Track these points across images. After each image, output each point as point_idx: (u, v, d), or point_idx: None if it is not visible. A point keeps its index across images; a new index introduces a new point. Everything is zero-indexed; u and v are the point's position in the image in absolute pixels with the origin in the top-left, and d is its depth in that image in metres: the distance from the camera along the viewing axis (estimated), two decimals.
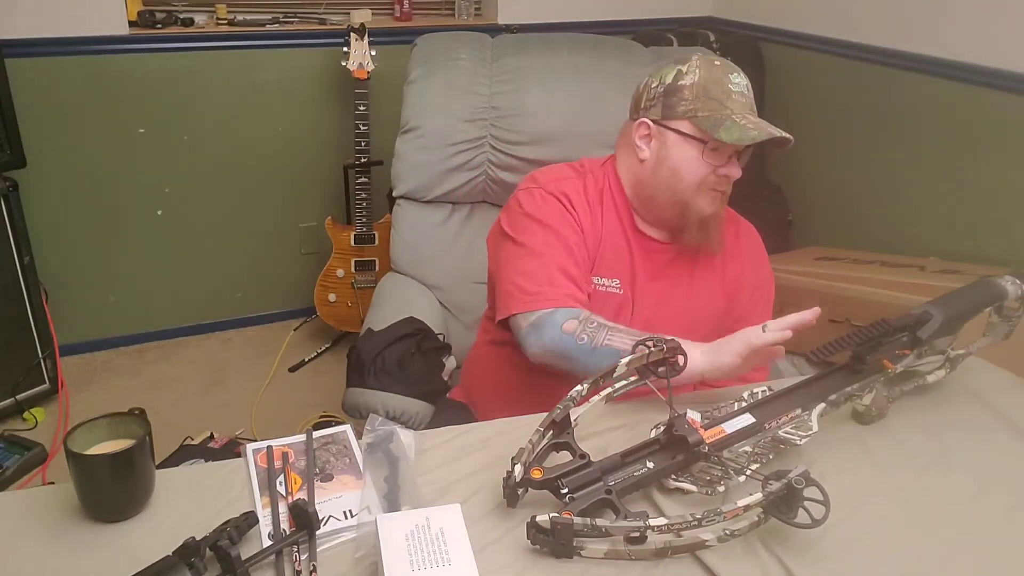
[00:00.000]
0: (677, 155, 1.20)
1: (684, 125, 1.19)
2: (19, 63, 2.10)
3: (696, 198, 1.20)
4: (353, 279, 2.54)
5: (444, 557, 0.76)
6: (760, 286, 1.33)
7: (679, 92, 1.19)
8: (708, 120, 1.17)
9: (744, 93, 1.19)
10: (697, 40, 2.62)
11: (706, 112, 1.17)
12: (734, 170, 1.20)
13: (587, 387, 0.96)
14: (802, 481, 0.81)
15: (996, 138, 2.03)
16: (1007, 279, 1.13)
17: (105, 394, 2.39)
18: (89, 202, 2.44)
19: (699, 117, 1.18)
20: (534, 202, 1.24)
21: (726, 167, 1.19)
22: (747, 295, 1.32)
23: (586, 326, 1.12)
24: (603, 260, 1.26)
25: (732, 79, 1.19)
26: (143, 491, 0.88)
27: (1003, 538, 0.90)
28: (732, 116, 1.16)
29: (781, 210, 2.73)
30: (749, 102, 1.19)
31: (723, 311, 1.30)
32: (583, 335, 1.12)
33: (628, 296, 1.27)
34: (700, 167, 1.19)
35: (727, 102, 1.17)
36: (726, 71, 1.19)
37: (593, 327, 1.12)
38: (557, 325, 1.13)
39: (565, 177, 1.28)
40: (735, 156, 1.20)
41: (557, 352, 1.14)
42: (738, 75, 1.20)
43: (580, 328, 1.12)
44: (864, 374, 1.05)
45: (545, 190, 1.25)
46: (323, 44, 2.52)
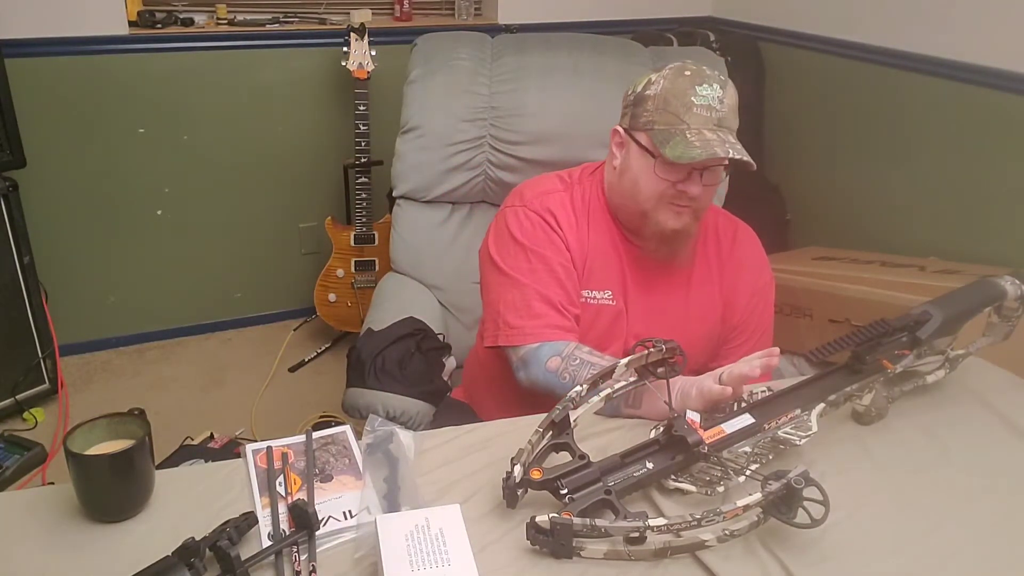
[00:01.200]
0: (636, 167, 1.18)
1: (643, 137, 1.16)
2: (19, 63, 2.10)
3: (656, 212, 1.17)
4: (353, 279, 2.54)
5: (444, 557, 0.77)
6: (758, 291, 1.31)
7: (644, 102, 1.16)
8: (661, 134, 1.13)
9: (711, 106, 1.12)
10: (697, 40, 2.62)
11: (662, 125, 1.13)
12: (692, 187, 1.14)
13: (587, 388, 0.96)
14: (801, 481, 0.81)
15: (996, 138, 2.02)
16: (1007, 279, 1.13)
17: (105, 394, 2.39)
18: (89, 202, 2.44)
19: (655, 130, 1.14)
20: (520, 224, 1.24)
21: (684, 183, 1.14)
22: (745, 300, 1.30)
23: (568, 363, 1.13)
24: (593, 273, 1.25)
25: (699, 91, 1.12)
26: (143, 491, 0.88)
27: (1003, 538, 0.90)
28: (686, 131, 1.11)
29: (779, 210, 2.73)
30: (717, 115, 1.12)
31: (721, 317, 1.30)
32: (565, 374, 1.13)
33: (622, 306, 1.26)
34: (656, 181, 1.15)
35: (685, 116, 1.12)
36: (694, 82, 1.13)
37: (575, 364, 1.13)
38: (542, 363, 1.15)
39: (551, 191, 1.27)
40: (696, 173, 1.14)
41: (543, 387, 1.16)
42: (709, 86, 1.13)
43: (563, 366, 1.14)
44: (864, 374, 1.05)
45: (530, 208, 1.24)
46: (323, 44, 2.52)
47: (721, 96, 1.13)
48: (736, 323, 1.30)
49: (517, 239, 1.23)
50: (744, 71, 2.58)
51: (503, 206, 1.30)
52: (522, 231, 1.23)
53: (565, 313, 1.20)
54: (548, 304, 1.19)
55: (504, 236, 1.25)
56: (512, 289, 1.21)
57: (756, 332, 1.31)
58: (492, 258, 1.25)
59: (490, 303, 1.25)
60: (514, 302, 1.20)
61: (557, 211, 1.24)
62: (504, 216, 1.27)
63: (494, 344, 1.22)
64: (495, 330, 1.22)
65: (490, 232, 1.29)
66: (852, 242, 2.43)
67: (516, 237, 1.23)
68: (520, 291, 1.20)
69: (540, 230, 1.23)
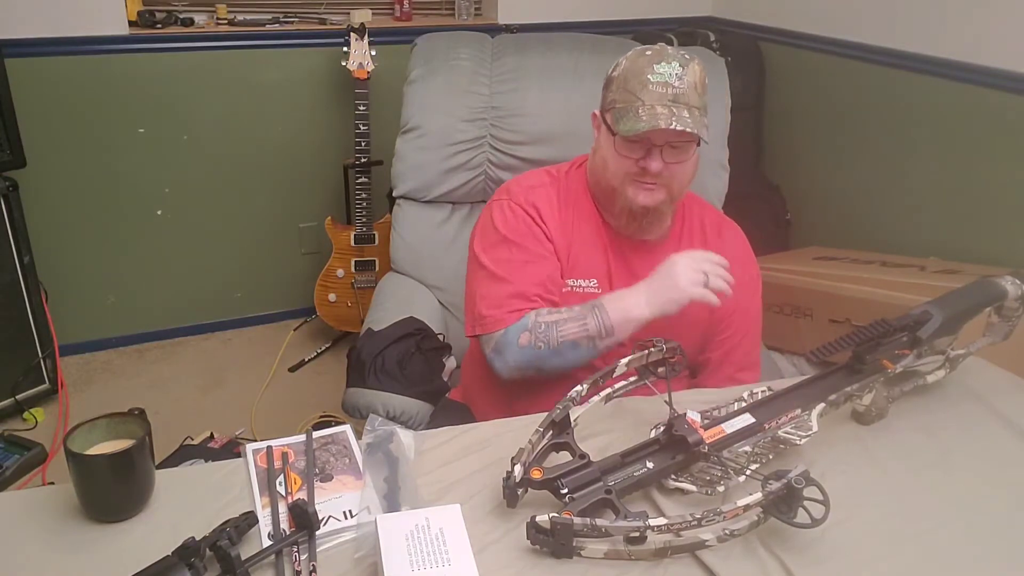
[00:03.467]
0: (604, 144, 1.23)
1: (608, 116, 1.21)
2: (19, 63, 2.10)
3: (623, 188, 1.21)
4: (353, 279, 2.54)
5: (444, 557, 0.76)
6: (744, 285, 1.31)
7: (610, 83, 1.21)
8: (619, 111, 1.17)
9: (668, 82, 1.13)
10: (697, 40, 2.62)
11: (621, 103, 1.17)
12: (652, 163, 1.17)
13: (587, 387, 0.96)
14: (802, 481, 0.81)
15: (996, 138, 2.02)
16: (1007, 279, 1.13)
17: (105, 394, 2.39)
18: (89, 202, 2.44)
19: (615, 108, 1.18)
20: (503, 216, 1.28)
21: (644, 159, 1.17)
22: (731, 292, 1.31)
23: (536, 332, 1.16)
24: (578, 262, 1.28)
25: (656, 68, 1.14)
26: (143, 491, 0.88)
27: (1003, 538, 0.90)
28: (639, 107, 1.14)
29: (779, 210, 2.73)
30: (671, 92, 1.13)
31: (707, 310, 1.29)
32: (539, 343, 1.16)
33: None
34: (618, 158, 1.19)
35: (640, 92, 1.15)
36: (653, 60, 1.15)
37: (542, 331, 1.16)
38: (513, 344, 1.17)
39: (537, 185, 1.31)
40: (656, 150, 1.16)
41: (524, 367, 1.19)
42: (667, 63, 1.14)
43: (533, 337, 1.16)
44: (864, 374, 1.05)
45: (514, 202, 1.29)
46: (323, 44, 2.52)
47: (680, 73, 1.15)
48: (722, 315, 1.31)
49: (499, 231, 1.27)
50: (744, 71, 2.58)
51: (490, 200, 1.34)
52: (504, 223, 1.27)
53: (536, 301, 1.22)
54: (518, 294, 1.22)
55: (488, 229, 1.30)
56: (487, 281, 1.25)
57: (742, 327, 1.32)
58: (474, 251, 1.30)
59: (469, 296, 1.29)
60: (487, 294, 1.24)
61: (541, 204, 1.28)
62: (490, 209, 1.31)
63: (471, 335, 1.26)
64: (471, 322, 1.26)
65: (476, 226, 1.33)
66: (852, 242, 2.43)
67: (498, 229, 1.27)
68: (495, 283, 1.24)
69: (522, 222, 1.27)
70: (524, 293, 1.22)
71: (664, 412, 0.97)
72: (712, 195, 1.78)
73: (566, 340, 1.15)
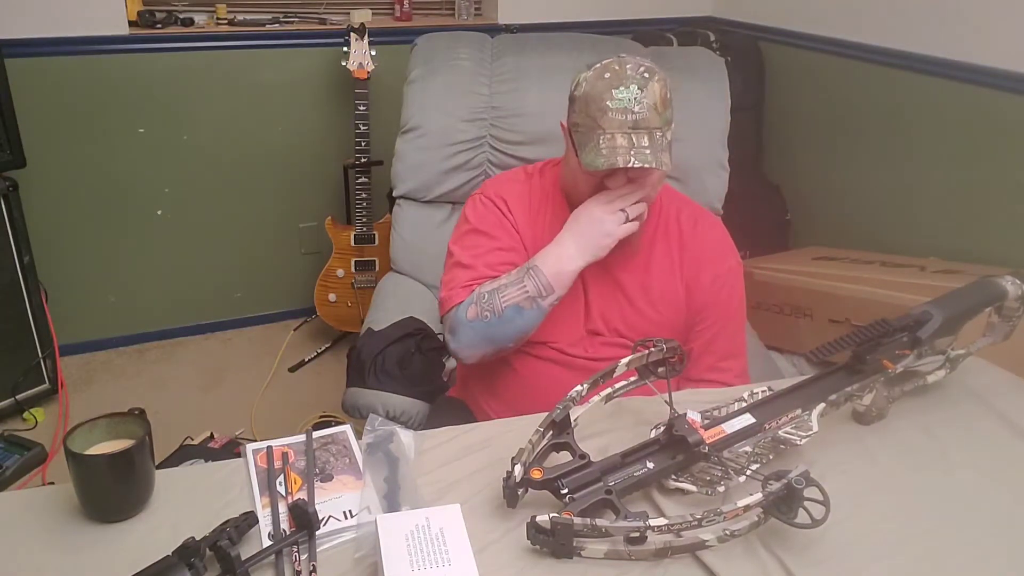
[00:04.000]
0: (571, 160, 1.23)
1: (573, 136, 1.20)
2: (19, 63, 2.10)
3: None
4: (353, 279, 2.54)
5: (444, 557, 0.76)
6: (720, 276, 1.31)
7: (573, 102, 1.20)
8: (581, 136, 1.16)
9: (627, 108, 1.12)
10: (697, 40, 2.62)
11: (583, 128, 1.16)
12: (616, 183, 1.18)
13: (587, 387, 0.96)
14: (802, 481, 0.81)
15: (996, 138, 2.02)
16: (1007, 279, 1.13)
17: (105, 394, 2.39)
18: (89, 202, 2.44)
19: (578, 132, 1.18)
20: (474, 208, 1.33)
21: (610, 179, 1.18)
22: (707, 284, 1.30)
23: (481, 304, 1.19)
24: None
25: (615, 94, 1.12)
26: (143, 491, 0.88)
27: (1003, 538, 0.90)
28: (600, 136, 1.13)
29: (780, 210, 2.73)
30: (631, 118, 1.12)
31: (684, 302, 1.31)
32: (485, 313, 1.18)
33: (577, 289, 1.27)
34: (586, 177, 1.20)
35: (601, 120, 1.13)
36: (611, 84, 1.13)
37: (486, 300, 1.19)
38: (463, 320, 1.20)
39: (511, 180, 1.36)
40: (622, 172, 1.16)
41: (478, 342, 1.21)
42: (625, 88, 1.12)
43: (479, 308, 1.19)
44: (864, 374, 1.05)
45: (485, 195, 1.33)
46: (323, 44, 2.52)
47: (639, 96, 1.12)
48: (699, 308, 1.31)
49: (469, 221, 1.32)
50: (744, 71, 2.58)
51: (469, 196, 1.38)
52: (474, 214, 1.32)
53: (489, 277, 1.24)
54: (476, 276, 1.25)
55: (460, 222, 1.35)
56: (453, 268, 1.29)
57: (721, 317, 1.32)
58: (449, 244, 1.34)
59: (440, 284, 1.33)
60: (449, 279, 1.28)
61: (510, 198, 1.32)
62: (466, 205, 1.36)
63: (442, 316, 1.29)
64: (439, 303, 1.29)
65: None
66: (852, 242, 2.43)
67: (469, 220, 1.32)
68: (459, 269, 1.28)
69: (491, 213, 1.31)
70: (481, 275, 1.24)
71: (664, 412, 0.97)
72: (712, 195, 1.78)
73: (509, 305, 1.17)
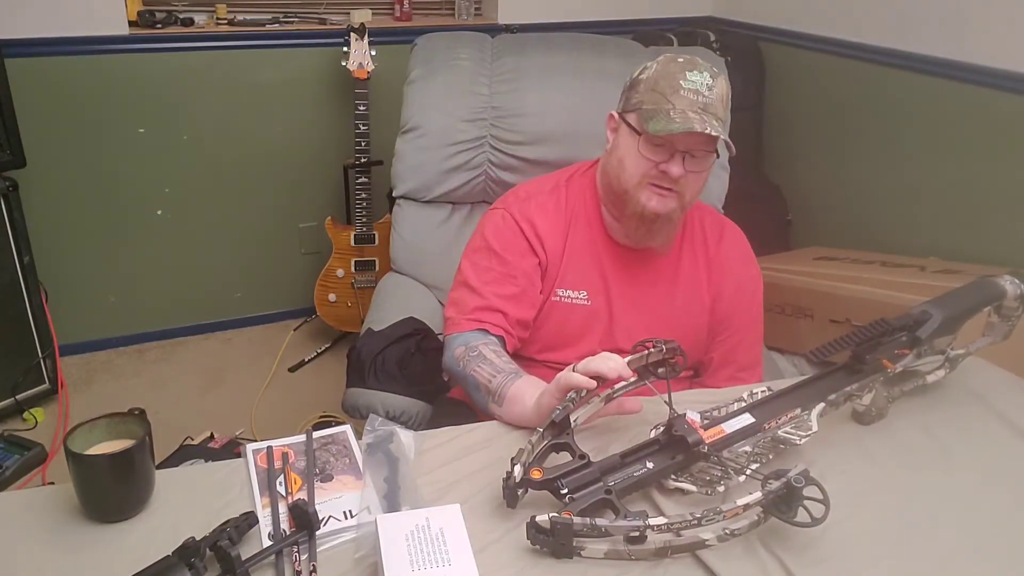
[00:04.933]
0: (623, 145, 1.22)
1: (632, 117, 1.21)
2: (19, 63, 2.10)
3: (638, 191, 1.20)
4: (353, 279, 2.54)
5: (444, 557, 0.76)
6: (743, 286, 1.33)
7: (636, 85, 1.21)
8: (647, 112, 1.17)
9: (699, 91, 1.14)
10: (697, 40, 2.62)
11: (650, 105, 1.17)
12: (675, 167, 1.16)
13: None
14: (802, 480, 0.81)
15: (996, 138, 2.02)
16: (1006, 279, 1.13)
17: (105, 394, 2.39)
18: (89, 202, 2.44)
19: (643, 109, 1.18)
20: (495, 226, 1.30)
21: (667, 163, 1.17)
22: (729, 294, 1.32)
23: (468, 354, 1.18)
24: (568, 272, 1.29)
25: (689, 76, 1.15)
26: (143, 491, 0.88)
27: (1003, 538, 0.90)
28: (670, 111, 1.14)
29: (780, 210, 2.73)
30: (703, 101, 1.14)
31: (708, 312, 1.32)
32: (462, 362, 1.18)
33: (600, 305, 1.29)
34: (639, 159, 1.19)
35: (671, 96, 1.15)
36: (684, 68, 1.16)
37: (473, 356, 1.17)
38: (452, 349, 1.21)
39: (535, 194, 1.32)
40: (679, 155, 1.16)
41: (452, 374, 1.23)
42: (699, 73, 1.16)
43: (464, 355, 1.18)
44: (864, 374, 1.05)
45: (508, 212, 1.30)
46: (323, 44, 2.52)
47: (711, 84, 1.16)
48: (722, 317, 1.32)
49: (486, 239, 1.30)
50: (744, 71, 2.58)
51: (491, 206, 1.35)
52: (494, 233, 1.30)
53: (497, 316, 1.24)
54: (484, 306, 1.24)
55: (477, 236, 1.32)
56: (461, 287, 1.28)
57: (742, 327, 1.33)
58: (465, 254, 1.33)
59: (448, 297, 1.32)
60: (457, 299, 1.27)
61: (535, 217, 1.29)
62: (488, 216, 1.34)
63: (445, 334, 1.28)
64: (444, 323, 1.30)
65: (477, 228, 1.35)
66: (852, 242, 2.43)
67: (486, 237, 1.30)
68: (467, 291, 1.27)
69: (511, 235, 1.29)
70: (490, 305, 1.24)
71: (664, 412, 0.97)
72: (712, 195, 1.78)
73: (474, 377, 1.15)
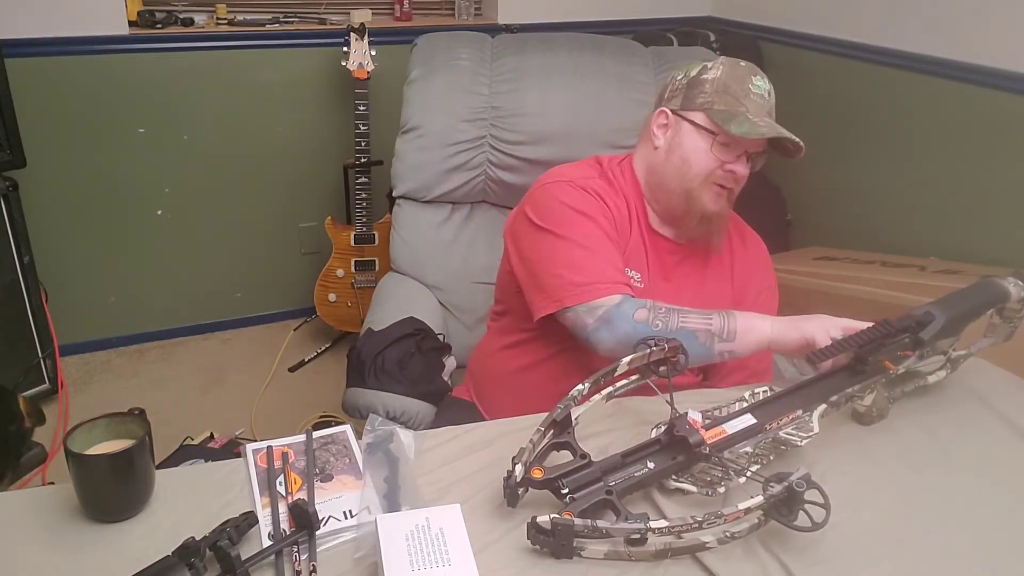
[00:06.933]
0: (689, 145, 1.23)
1: (699, 116, 1.22)
2: (19, 63, 2.10)
3: (702, 190, 1.23)
4: (353, 279, 2.54)
5: (444, 557, 0.76)
6: (764, 290, 1.36)
7: (700, 85, 1.23)
8: (722, 114, 1.19)
9: (764, 96, 1.22)
10: (697, 40, 2.62)
11: (722, 106, 1.20)
12: (741, 167, 1.22)
13: (588, 386, 0.96)
14: (803, 484, 0.81)
15: (996, 138, 2.02)
16: (1009, 280, 1.13)
17: (105, 394, 2.39)
18: (89, 202, 2.44)
19: (714, 110, 1.20)
20: (571, 195, 1.24)
21: (734, 164, 1.21)
22: (752, 297, 1.33)
23: (656, 312, 1.13)
24: (628, 254, 1.28)
25: (754, 80, 1.22)
26: (143, 491, 0.88)
27: (1003, 538, 0.90)
28: (747, 114, 1.19)
29: (780, 210, 2.73)
30: (768, 105, 1.22)
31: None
32: (657, 321, 1.12)
33: (647, 292, 1.27)
34: (708, 159, 1.21)
35: (744, 100, 1.20)
36: (749, 72, 1.23)
37: (663, 312, 1.13)
38: (628, 316, 1.13)
39: (592, 176, 1.29)
40: (745, 156, 1.22)
41: (628, 341, 1.10)
42: (761, 79, 1.23)
43: (652, 315, 1.13)
44: (865, 375, 1.05)
45: (577, 183, 1.25)
46: (323, 44, 2.52)
47: (771, 90, 1.24)
48: None
49: (571, 206, 1.22)
50: None
51: (542, 184, 1.28)
52: (574, 200, 1.23)
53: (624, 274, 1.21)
54: (614, 266, 1.19)
55: (554, 205, 1.23)
56: (576, 250, 1.19)
57: None
58: (541, 226, 1.23)
59: (546, 270, 1.21)
60: (580, 263, 1.18)
61: (601, 191, 1.27)
62: (550, 190, 1.26)
63: (560, 307, 1.17)
64: (559, 292, 1.17)
65: (527, 209, 1.27)
66: (852, 242, 2.43)
67: (569, 204, 1.22)
68: (586, 251, 1.19)
69: (593, 200, 1.24)
70: (613, 262, 1.19)
71: (665, 412, 0.96)
72: None
73: (686, 328, 1.11)
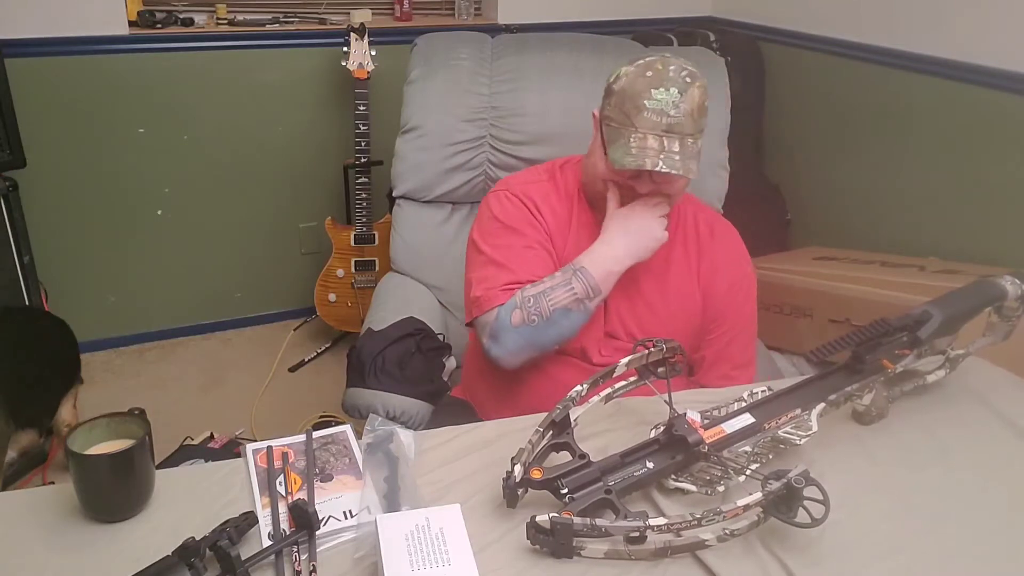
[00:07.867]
0: (597, 153, 1.23)
1: (604, 129, 1.21)
2: (19, 63, 2.10)
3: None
4: (353, 279, 2.54)
5: (444, 557, 0.76)
6: (735, 284, 1.33)
7: (609, 95, 1.20)
8: (612, 132, 1.17)
9: (663, 111, 1.11)
10: (697, 40, 2.62)
11: (615, 123, 1.17)
12: (642, 187, 1.18)
13: (587, 387, 0.96)
14: (802, 480, 0.81)
15: (996, 138, 2.02)
16: (1007, 279, 1.13)
17: (105, 394, 2.39)
18: (89, 202, 2.44)
19: (609, 126, 1.18)
20: (500, 205, 1.30)
21: (634, 180, 1.19)
22: (722, 292, 1.32)
23: (526, 308, 1.16)
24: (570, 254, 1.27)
25: (654, 94, 1.12)
26: (143, 491, 0.88)
27: (1003, 537, 0.90)
28: (631, 135, 1.13)
29: (780, 210, 2.73)
30: (666, 121, 1.12)
31: (700, 308, 1.32)
32: (532, 317, 1.16)
33: None
34: (607, 171, 1.20)
35: (635, 118, 1.13)
36: (652, 84, 1.12)
37: (532, 304, 1.16)
38: (507, 326, 1.17)
39: (535, 181, 1.33)
40: (646, 172, 1.16)
41: (523, 348, 1.18)
42: (664, 91, 1.12)
43: (524, 313, 1.16)
44: (864, 374, 1.05)
45: (511, 192, 1.30)
46: (323, 44, 2.52)
47: (677, 100, 1.12)
48: (714, 315, 1.31)
49: (498, 219, 1.29)
50: (744, 71, 2.58)
51: (488, 193, 1.35)
52: (502, 210, 1.29)
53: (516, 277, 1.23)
54: (515, 280, 1.22)
55: (484, 217, 1.31)
56: (485, 266, 1.26)
57: (734, 326, 1.33)
58: (472, 240, 1.31)
59: (467, 283, 1.30)
60: (484, 277, 1.25)
61: (538, 199, 1.30)
62: (487, 200, 1.33)
63: (469, 320, 1.27)
64: (468, 305, 1.27)
65: (475, 221, 1.35)
66: (852, 242, 2.43)
67: (497, 217, 1.29)
68: (494, 268, 1.25)
69: (519, 210, 1.29)
70: (519, 279, 1.22)
71: (664, 412, 0.97)
72: (712, 195, 1.78)
73: (557, 307, 1.15)
